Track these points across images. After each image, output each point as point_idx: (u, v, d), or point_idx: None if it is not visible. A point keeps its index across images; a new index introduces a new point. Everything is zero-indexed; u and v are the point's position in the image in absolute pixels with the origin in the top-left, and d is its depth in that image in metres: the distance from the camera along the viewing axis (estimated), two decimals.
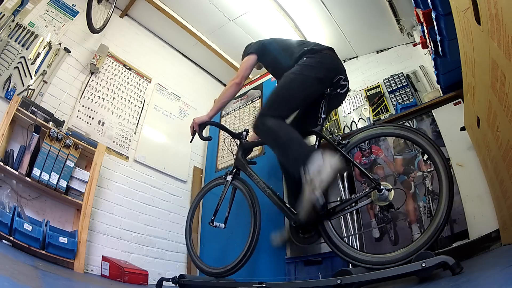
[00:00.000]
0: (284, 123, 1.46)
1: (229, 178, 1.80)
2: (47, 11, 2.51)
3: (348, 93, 3.42)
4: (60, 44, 2.48)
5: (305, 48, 1.63)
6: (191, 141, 1.87)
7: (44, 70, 2.30)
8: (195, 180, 3.19)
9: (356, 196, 1.37)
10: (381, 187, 1.27)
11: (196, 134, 1.81)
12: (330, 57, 1.61)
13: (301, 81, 1.51)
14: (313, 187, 1.22)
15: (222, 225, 1.76)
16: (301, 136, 1.42)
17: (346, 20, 3.11)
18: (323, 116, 1.53)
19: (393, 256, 1.16)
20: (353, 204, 1.39)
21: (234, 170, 1.81)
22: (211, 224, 1.75)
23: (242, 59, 1.86)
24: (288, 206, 1.53)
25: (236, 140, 1.92)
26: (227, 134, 1.97)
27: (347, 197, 1.88)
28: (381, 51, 3.44)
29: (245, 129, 1.90)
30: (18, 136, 2.03)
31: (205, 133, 1.97)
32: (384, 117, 2.87)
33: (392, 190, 1.28)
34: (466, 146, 1.59)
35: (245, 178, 1.77)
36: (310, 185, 1.23)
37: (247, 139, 1.88)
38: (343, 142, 1.44)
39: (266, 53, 1.81)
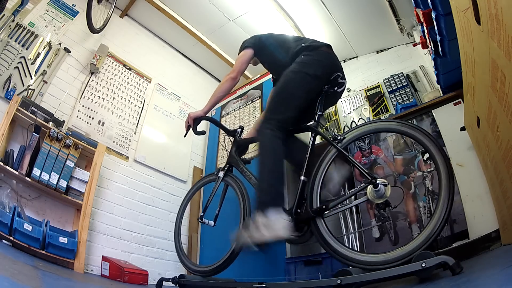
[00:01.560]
0: (280, 145, 1.40)
1: (221, 174, 1.77)
2: (47, 11, 2.51)
3: (348, 93, 3.42)
4: (60, 44, 2.48)
5: (302, 45, 1.61)
6: (185, 136, 1.83)
7: (44, 70, 2.30)
8: (195, 180, 3.19)
9: (351, 191, 1.32)
10: (377, 181, 1.21)
11: (191, 129, 1.79)
12: (327, 55, 1.60)
13: (300, 80, 1.49)
14: (251, 233, 1.23)
15: (212, 222, 1.73)
16: (283, 180, 1.39)
17: (346, 20, 3.10)
18: (319, 113, 1.51)
19: (390, 255, 1.13)
20: (347, 201, 1.35)
21: (227, 167, 1.79)
22: (200, 220, 1.74)
23: (239, 54, 1.84)
24: None
25: (230, 137, 1.91)
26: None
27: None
28: (381, 51, 3.44)
29: (240, 126, 1.89)
30: (18, 136, 2.03)
31: (204, 131, 1.95)
32: (384, 117, 2.87)
33: (389, 186, 1.22)
34: (466, 146, 1.58)
35: (239, 176, 1.75)
36: (252, 227, 1.25)
37: (242, 136, 1.87)
38: (339, 137, 1.39)
39: (263, 48, 1.78)
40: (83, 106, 2.53)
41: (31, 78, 2.21)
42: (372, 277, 1.12)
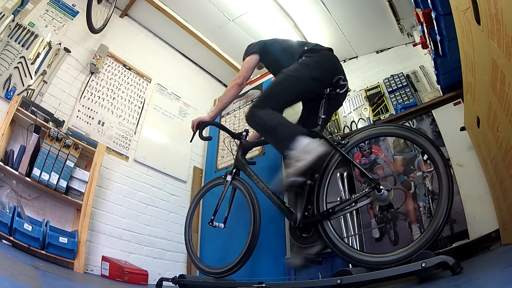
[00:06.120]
0: (272, 111, 1.50)
1: (228, 178, 1.80)
2: (47, 11, 2.51)
3: (348, 93, 3.43)
4: (60, 44, 2.48)
5: (305, 48, 1.65)
6: (191, 141, 1.88)
7: (44, 70, 2.30)
8: (195, 180, 3.19)
9: (356, 196, 1.37)
10: (381, 187, 1.27)
11: (197, 134, 1.82)
12: (328, 57, 1.62)
13: (296, 79, 1.53)
14: (293, 166, 1.29)
15: (222, 225, 1.76)
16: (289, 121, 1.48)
17: (346, 20, 3.10)
18: (322, 116, 1.54)
19: (393, 256, 1.16)
20: (352, 204, 1.39)
21: (234, 170, 1.82)
22: (210, 224, 1.76)
23: (244, 59, 1.86)
24: (288, 206, 1.53)
25: (236, 140, 1.92)
26: (227, 134, 1.97)
27: (347, 197, 1.88)
28: (381, 51, 3.44)
29: (245, 129, 1.90)
30: (18, 136, 2.03)
31: (205, 133, 1.97)
32: (384, 117, 2.86)
33: (392, 190, 1.28)
34: (466, 146, 1.58)
35: (245, 178, 1.77)
36: (291, 163, 1.30)
37: (247, 139, 1.88)
38: (343, 142, 1.44)
39: (268, 53, 1.81)
40: (83, 106, 2.53)
41: (31, 78, 2.21)
42: (372, 277, 1.13)
